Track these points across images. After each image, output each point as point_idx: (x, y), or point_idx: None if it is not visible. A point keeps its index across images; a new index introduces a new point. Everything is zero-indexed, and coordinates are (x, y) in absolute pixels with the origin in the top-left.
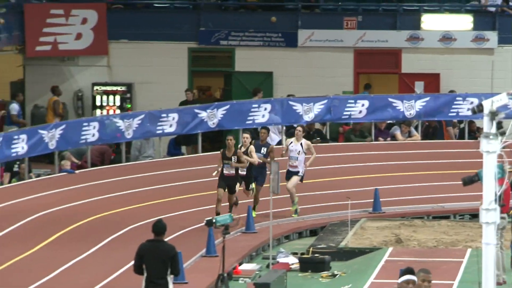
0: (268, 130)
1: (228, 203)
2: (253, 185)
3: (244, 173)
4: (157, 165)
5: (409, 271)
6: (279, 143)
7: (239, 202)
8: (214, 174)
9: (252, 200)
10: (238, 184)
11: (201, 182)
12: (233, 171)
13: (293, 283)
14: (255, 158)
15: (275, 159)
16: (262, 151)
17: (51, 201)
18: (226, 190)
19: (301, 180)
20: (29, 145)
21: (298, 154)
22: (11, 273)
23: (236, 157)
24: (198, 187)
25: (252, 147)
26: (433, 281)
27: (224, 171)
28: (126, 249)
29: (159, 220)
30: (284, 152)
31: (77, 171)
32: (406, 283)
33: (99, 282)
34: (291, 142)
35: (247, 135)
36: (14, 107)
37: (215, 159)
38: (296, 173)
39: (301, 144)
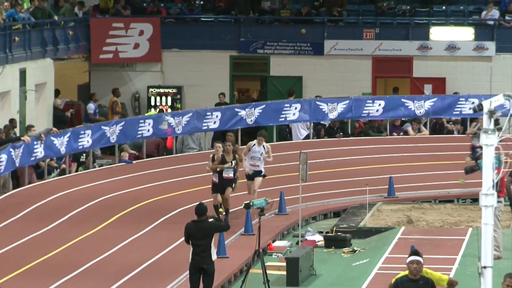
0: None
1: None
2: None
3: (231, 175)
4: (202, 156)
5: (414, 252)
6: (307, 137)
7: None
8: (207, 168)
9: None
10: (233, 184)
11: (241, 171)
12: (231, 174)
13: (319, 258)
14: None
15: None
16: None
17: (111, 187)
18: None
19: (263, 177)
20: (93, 139)
21: (261, 155)
22: (78, 248)
23: (235, 161)
24: (239, 175)
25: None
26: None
27: (224, 174)
28: (174, 230)
29: (200, 203)
30: (244, 151)
31: (134, 162)
32: (411, 263)
33: (151, 258)
34: (254, 145)
35: (219, 145)
36: (91, 107)
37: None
38: (259, 172)
39: (263, 146)
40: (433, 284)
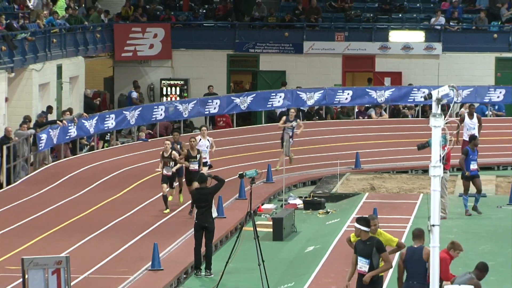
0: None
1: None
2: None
3: (197, 167)
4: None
5: (360, 219)
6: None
7: None
8: (158, 169)
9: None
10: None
11: (236, 148)
12: (196, 167)
13: (299, 218)
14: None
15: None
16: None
17: (131, 160)
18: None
19: (209, 168)
20: (116, 121)
21: (207, 148)
22: (104, 210)
23: (200, 155)
24: (234, 151)
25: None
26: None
27: (190, 167)
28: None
29: (201, 173)
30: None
31: (149, 140)
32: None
33: (164, 217)
34: (200, 139)
35: (168, 142)
36: (134, 94)
37: (248, 131)
38: (206, 163)
39: (208, 140)
40: (378, 244)
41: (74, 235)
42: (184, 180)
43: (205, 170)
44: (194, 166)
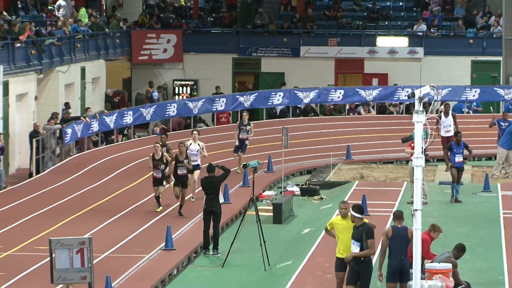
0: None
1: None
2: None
3: (185, 172)
4: (213, 130)
5: (355, 207)
6: (285, 115)
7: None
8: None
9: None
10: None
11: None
12: (185, 171)
13: (296, 203)
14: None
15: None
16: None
17: (146, 152)
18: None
19: (199, 169)
20: (133, 117)
21: (197, 151)
22: (122, 196)
23: (187, 160)
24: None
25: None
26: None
27: (178, 172)
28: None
29: (210, 164)
30: (186, 150)
31: (163, 134)
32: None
33: (176, 203)
34: (191, 144)
35: (157, 144)
36: (155, 94)
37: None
38: (197, 166)
39: (198, 144)
40: (368, 230)
41: (96, 219)
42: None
43: (196, 173)
44: (182, 171)
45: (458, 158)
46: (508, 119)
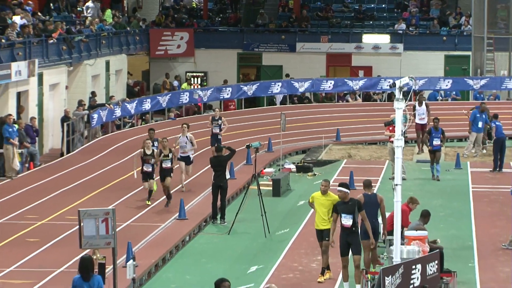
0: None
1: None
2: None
3: (169, 165)
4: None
5: (342, 185)
6: (283, 103)
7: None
8: (135, 173)
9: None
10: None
11: (243, 125)
12: (169, 164)
13: (292, 179)
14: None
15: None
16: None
17: (163, 135)
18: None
19: (192, 163)
20: (151, 104)
21: (186, 144)
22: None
23: (171, 154)
24: (242, 128)
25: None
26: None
27: (163, 165)
28: (202, 162)
29: (218, 145)
30: (174, 144)
31: (176, 119)
32: (339, 192)
33: (187, 179)
34: (180, 136)
35: (148, 141)
36: (176, 83)
37: (253, 112)
38: (188, 158)
39: (186, 137)
40: (359, 203)
41: (118, 192)
42: (158, 176)
43: (189, 168)
44: (166, 164)
45: (436, 142)
46: (484, 111)
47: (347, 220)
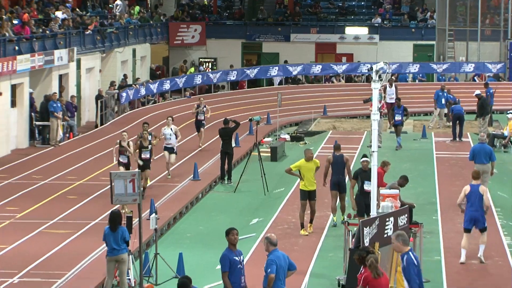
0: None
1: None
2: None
3: (148, 156)
4: (230, 93)
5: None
6: (280, 83)
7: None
8: (115, 158)
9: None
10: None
11: (247, 102)
12: (148, 156)
13: (287, 147)
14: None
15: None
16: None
17: (179, 110)
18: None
19: (176, 153)
20: (170, 84)
21: (170, 135)
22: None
23: (151, 145)
24: (246, 104)
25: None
26: (350, 145)
27: (142, 156)
28: (213, 130)
29: (225, 118)
30: (161, 135)
31: (191, 97)
32: (364, 161)
33: (202, 145)
34: (165, 128)
35: (124, 133)
36: (201, 67)
37: (255, 91)
38: (172, 149)
39: (171, 129)
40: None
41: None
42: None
43: (172, 157)
44: (146, 155)
45: (398, 117)
46: (444, 90)
47: (368, 186)
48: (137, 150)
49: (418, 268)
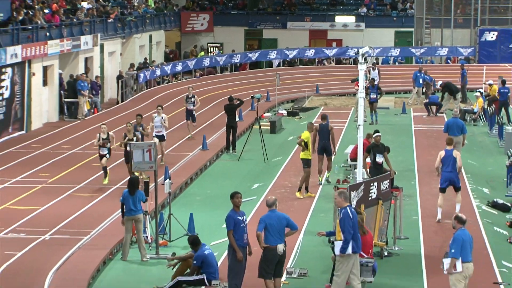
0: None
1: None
2: None
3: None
4: (234, 74)
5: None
6: (279, 65)
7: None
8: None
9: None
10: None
11: (249, 81)
12: None
13: (284, 121)
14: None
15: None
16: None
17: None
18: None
19: (165, 140)
20: (182, 66)
21: (160, 123)
22: (177, 117)
23: (135, 137)
24: (248, 83)
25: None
26: (339, 120)
27: (127, 148)
28: (219, 106)
29: (230, 95)
30: (151, 124)
31: (201, 77)
32: (376, 136)
33: (210, 119)
34: (156, 116)
35: (103, 126)
36: (217, 52)
37: (256, 72)
38: (163, 136)
39: (162, 116)
40: (384, 146)
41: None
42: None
43: (164, 143)
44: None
45: (373, 96)
46: (421, 71)
47: (379, 158)
48: (122, 142)
49: (353, 221)
